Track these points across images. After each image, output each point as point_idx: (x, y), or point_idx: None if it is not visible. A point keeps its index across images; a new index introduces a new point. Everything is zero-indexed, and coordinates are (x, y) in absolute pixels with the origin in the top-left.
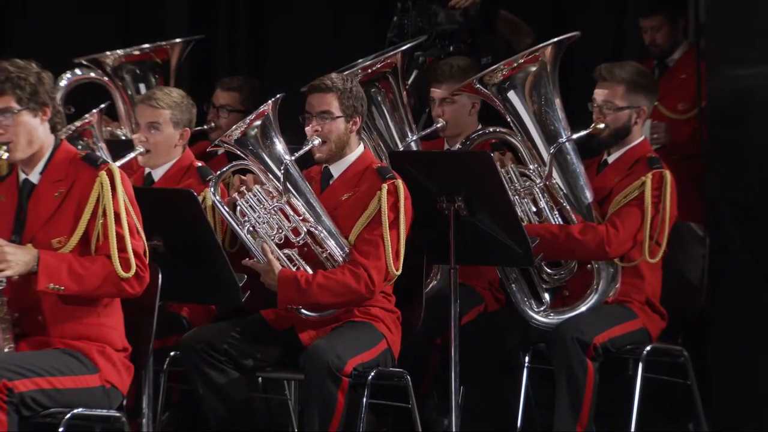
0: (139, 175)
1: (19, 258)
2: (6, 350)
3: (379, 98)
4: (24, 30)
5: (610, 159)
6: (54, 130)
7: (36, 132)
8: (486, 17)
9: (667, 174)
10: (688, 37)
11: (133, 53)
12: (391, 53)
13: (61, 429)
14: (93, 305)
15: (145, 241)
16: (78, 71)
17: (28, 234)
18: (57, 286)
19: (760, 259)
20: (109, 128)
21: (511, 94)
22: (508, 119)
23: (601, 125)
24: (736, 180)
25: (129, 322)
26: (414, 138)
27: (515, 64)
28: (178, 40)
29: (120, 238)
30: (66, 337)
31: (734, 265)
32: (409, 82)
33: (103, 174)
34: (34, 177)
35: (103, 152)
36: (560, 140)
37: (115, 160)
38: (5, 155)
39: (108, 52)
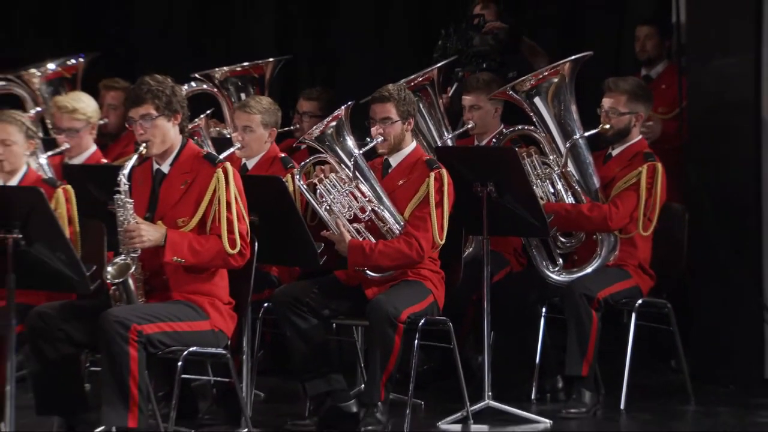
0: (237, 164)
1: (151, 235)
2: (139, 301)
3: (421, 104)
4: (142, 49)
5: (614, 153)
6: (182, 131)
7: (169, 133)
8: (512, 41)
9: (659, 166)
10: (671, 56)
11: (236, 69)
12: (429, 69)
13: (179, 363)
14: (207, 270)
15: (248, 225)
16: (193, 84)
17: (159, 213)
18: (179, 259)
19: (730, 231)
20: (217, 129)
21: (537, 100)
22: (534, 119)
23: (607, 126)
24: (711, 168)
25: (233, 280)
26: (449, 136)
27: (540, 76)
28: (271, 59)
29: (229, 223)
30: (184, 292)
31: (709, 236)
32: (451, 92)
33: (220, 171)
34: (165, 168)
35: (209, 148)
36: (574, 137)
37: (219, 154)
38: (144, 150)
39: (216, 69)
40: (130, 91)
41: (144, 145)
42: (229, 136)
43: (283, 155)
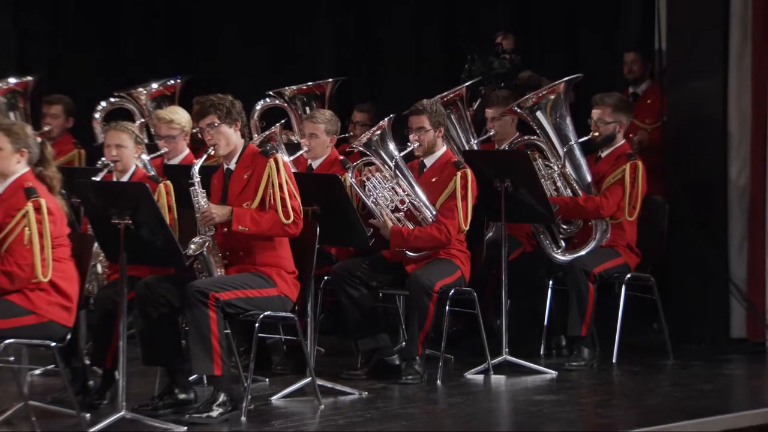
0: (304, 165)
1: (220, 212)
2: (218, 273)
3: (452, 116)
4: (225, 71)
5: (603, 154)
6: (243, 136)
7: (231, 138)
8: (524, 65)
9: (640, 163)
10: (653, 76)
11: (302, 87)
12: (458, 88)
13: (256, 325)
14: (273, 245)
15: (299, 202)
16: (267, 99)
17: (229, 201)
18: (243, 228)
19: (702, 219)
20: (286, 136)
21: (539, 114)
22: (536, 130)
23: (596, 134)
24: (686, 168)
25: (299, 258)
26: (474, 142)
27: (540, 94)
28: (330, 79)
29: (282, 199)
30: (256, 264)
31: (685, 223)
32: (476, 106)
33: (272, 160)
34: (232, 165)
35: (283, 151)
36: (570, 143)
37: (290, 156)
38: (212, 152)
39: (286, 87)
40: (198, 107)
41: (212, 147)
42: (296, 142)
43: (342, 158)
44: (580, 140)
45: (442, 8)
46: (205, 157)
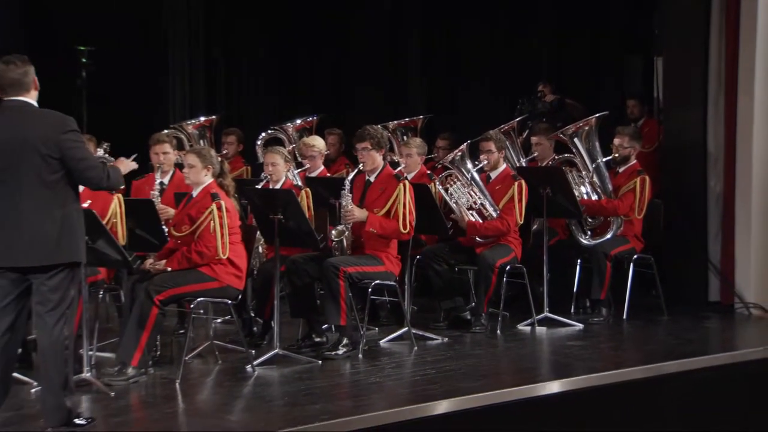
0: None
1: (358, 214)
2: (347, 253)
3: (508, 142)
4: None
5: (620, 170)
6: (384, 158)
7: (377, 159)
8: (561, 104)
9: (647, 177)
10: (653, 114)
11: (400, 122)
12: (512, 122)
13: (369, 289)
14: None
15: (414, 216)
16: None
17: (365, 204)
18: (373, 230)
19: (688, 216)
20: (390, 157)
21: (576, 139)
22: (572, 150)
23: (617, 155)
24: (676, 178)
25: (401, 244)
26: (523, 161)
27: (578, 126)
28: (421, 116)
29: (404, 215)
30: (371, 249)
31: (675, 218)
32: (525, 135)
33: (401, 185)
34: (372, 179)
35: None
36: (598, 161)
37: None
38: (362, 167)
39: (390, 122)
40: (357, 132)
41: (361, 164)
42: (397, 161)
43: (428, 172)
44: (605, 159)
45: (498, 68)
46: (356, 171)
